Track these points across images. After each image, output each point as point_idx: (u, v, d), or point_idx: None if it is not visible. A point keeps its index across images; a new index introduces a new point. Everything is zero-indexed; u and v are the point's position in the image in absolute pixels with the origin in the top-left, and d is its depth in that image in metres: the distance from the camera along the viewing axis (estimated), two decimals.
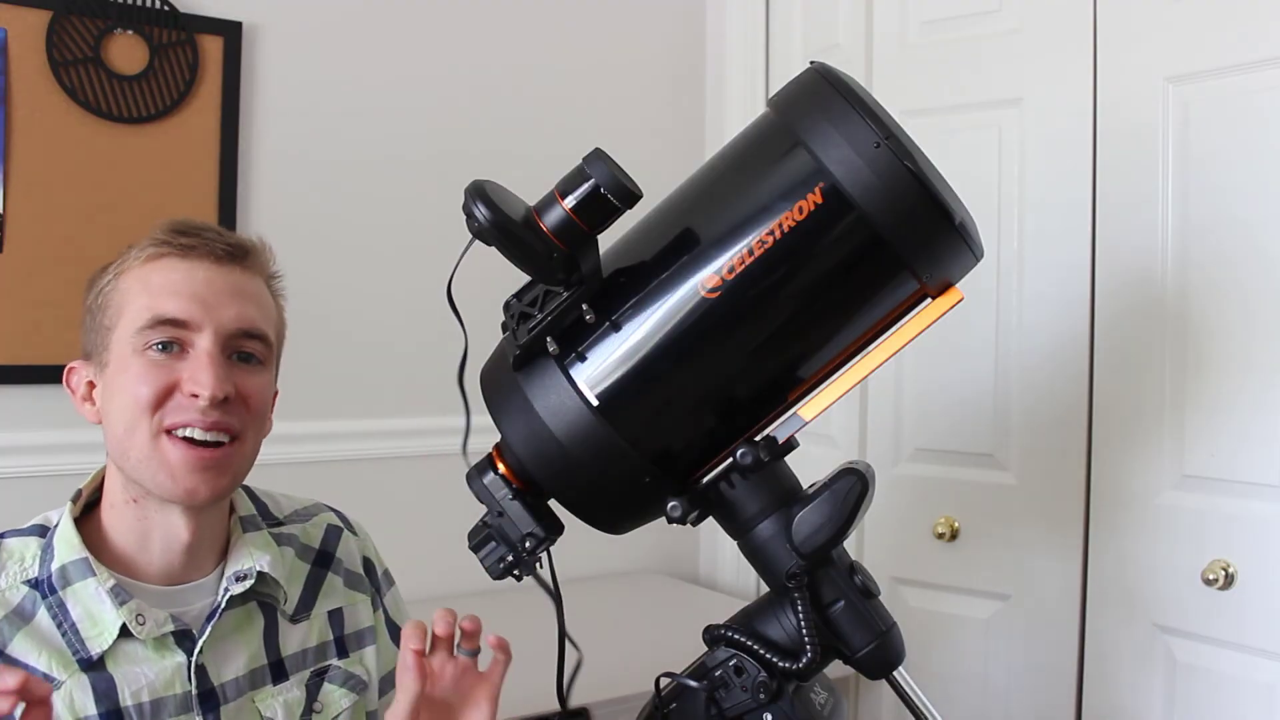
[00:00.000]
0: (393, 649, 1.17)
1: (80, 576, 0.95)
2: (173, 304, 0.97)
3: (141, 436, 0.96)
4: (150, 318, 0.96)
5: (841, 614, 0.93)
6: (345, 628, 1.12)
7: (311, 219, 2.01)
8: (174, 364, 0.97)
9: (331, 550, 1.14)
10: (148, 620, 0.95)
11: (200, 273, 0.99)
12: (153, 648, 0.96)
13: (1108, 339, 1.75)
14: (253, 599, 1.04)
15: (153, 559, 1.00)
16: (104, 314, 1.00)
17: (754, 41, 2.38)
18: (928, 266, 0.87)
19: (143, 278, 0.99)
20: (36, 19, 1.77)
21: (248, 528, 1.07)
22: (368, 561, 1.18)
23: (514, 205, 0.86)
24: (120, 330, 0.98)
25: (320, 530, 1.15)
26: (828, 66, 0.90)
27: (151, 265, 0.99)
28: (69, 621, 0.94)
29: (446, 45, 2.16)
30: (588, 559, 2.16)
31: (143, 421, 0.95)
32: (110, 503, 1.00)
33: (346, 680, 1.09)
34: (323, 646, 1.09)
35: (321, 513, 1.18)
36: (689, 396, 0.92)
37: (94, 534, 0.99)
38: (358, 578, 1.16)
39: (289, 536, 1.11)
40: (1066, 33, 1.79)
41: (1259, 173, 1.55)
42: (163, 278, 0.98)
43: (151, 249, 1.00)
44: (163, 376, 0.96)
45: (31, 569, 0.96)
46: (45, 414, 1.76)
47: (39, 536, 0.99)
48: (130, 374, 0.96)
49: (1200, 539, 1.61)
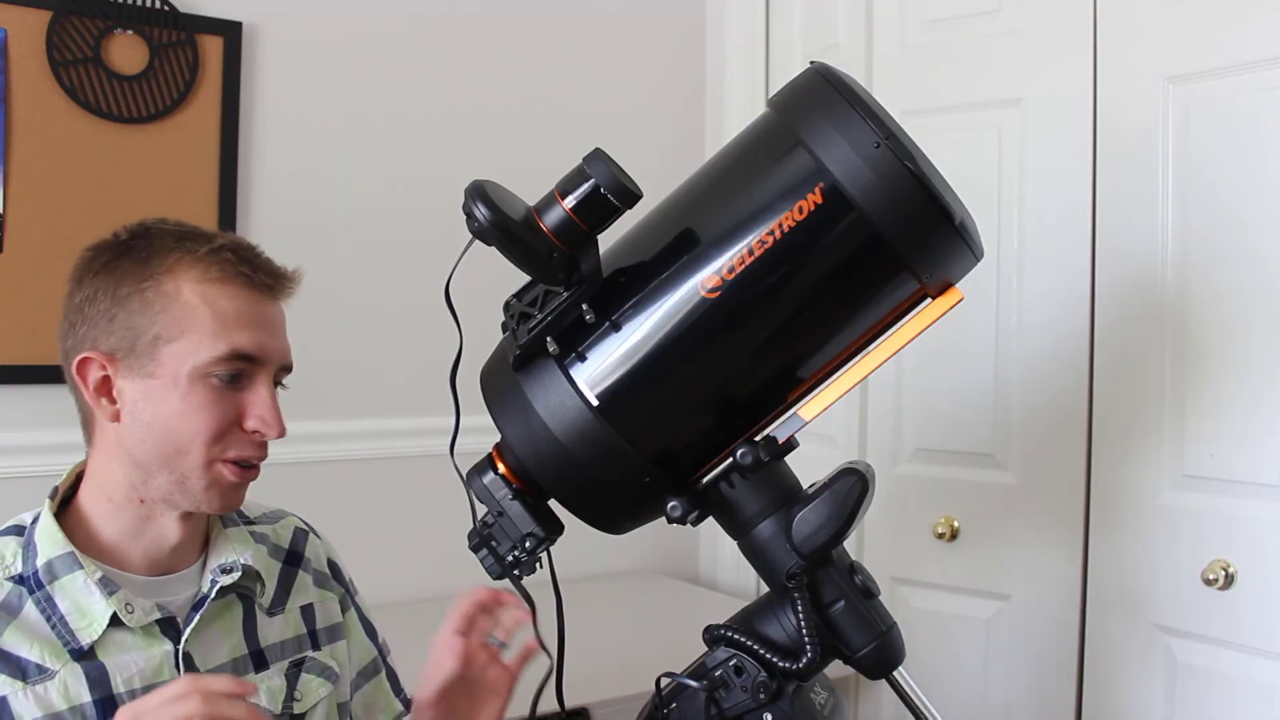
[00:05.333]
0: (366, 645, 1.20)
1: (67, 570, 0.96)
2: (246, 338, 0.97)
3: (196, 459, 0.97)
4: (228, 350, 0.96)
5: (841, 614, 0.93)
6: (317, 622, 1.14)
7: (311, 218, 2.01)
8: (236, 396, 0.98)
9: (300, 550, 1.17)
10: (136, 609, 0.97)
11: (265, 307, 1.01)
12: (141, 636, 0.97)
13: (1108, 339, 1.75)
14: (231, 591, 1.06)
15: (142, 552, 1.01)
16: (146, 316, 0.96)
17: (754, 41, 2.38)
18: (928, 266, 0.87)
19: (208, 299, 0.97)
20: (36, 19, 1.77)
21: (227, 524, 1.09)
22: (333, 564, 1.21)
23: (514, 205, 0.86)
24: (180, 348, 0.96)
25: (289, 531, 1.18)
26: (828, 66, 0.90)
27: (218, 288, 0.98)
28: (57, 614, 0.95)
29: (446, 45, 2.16)
30: (588, 559, 2.16)
31: (202, 449, 0.97)
32: (106, 496, 1.00)
33: (323, 671, 1.12)
34: (299, 639, 1.11)
35: (287, 517, 1.21)
36: (689, 396, 0.92)
37: (75, 528, 1.00)
38: (324, 577, 1.18)
39: (260, 535, 1.14)
40: (1066, 33, 1.79)
41: (1259, 173, 1.55)
42: (231, 306, 0.98)
43: (215, 269, 0.98)
44: (229, 410, 0.98)
45: (14, 566, 0.97)
46: (45, 414, 1.76)
47: (16, 535, 1.00)
48: (194, 400, 0.96)
49: (1200, 539, 1.61)
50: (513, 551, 0.95)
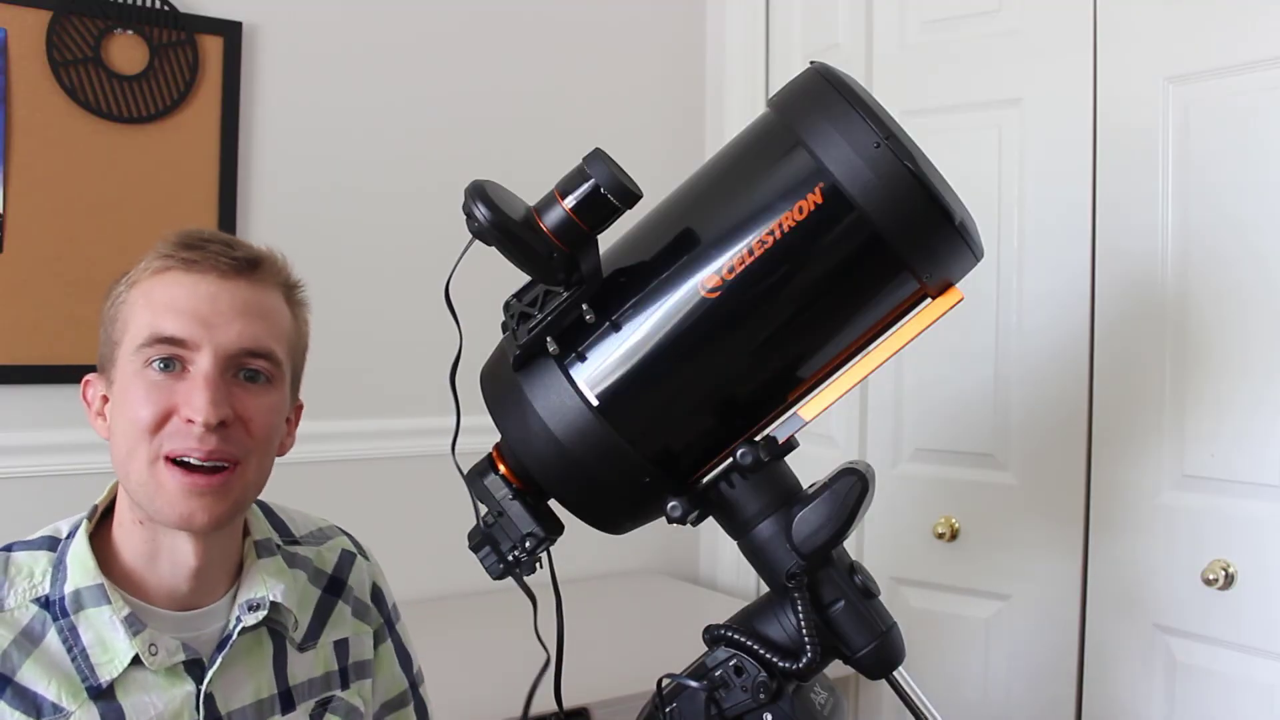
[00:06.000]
0: (398, 677, 1.17)
1: (94, 603, 0.93)
2: (172, 322, 0.94)
3: (140, 461, 0.93)
4: (149, 335, 0.94)
5: (841, 614, 0.93)
6: (349, 658, 1.10)
7: (311, 219, 2.01)
8: (174, 385, 0.93)
9: (344, 577, 1.12)
10: (160, 650, 0.94)
11: (204, 288, 0.95)
12: (163, 676, 0.94)
13: (1108, 339, 1.75)
14: (263, 626, 1.02)
15: (161, 581, 0.98)
16: (113, 327, 0.98)
17: (754, 41, 2.38)
18: (928, 266, 0.87)
19: (147, 292, 0.96)
20: (36, 19, 1.77)
21: (262, 553, 1.04)
22: (376, 590, 1.16)
23: (514, 205, 0.86)
24: (124, 346, 0.96)
25: (335, 555, 1.13)
26: (828, 66, 0.90)
27: (157, 279, 0.96)
28: (79, 646, 0.92)
29: (446, 45, 2.16)
30: (588, 559, 2.16)
31: (141, 445, 0.93)
32: (120, 521, 0.98)
33: (348, 713, 1.08)
34: (328, 676, 1.08)
35: (336, 536, 1.16)
36: (689, 396, 0.92)
37: (106, 550, 0.97)
38: (365, 607, 1.14)
39: (303, 559, 1.09)
40: (1066, 33, 1.79)
41: (1259, 173, 1.55)
42: (165, 293, 0.95)
43: (158, 262, 0.97)
44: (162, 399, 0.93)
45: (41, 585, 0.94)
46: (45, 414, 1.76)
47: (49, 550, 0.97)
48: (131, 394, 0.94)
49: (1200, 539, 1.61)
50: (513, 551, 0.95)
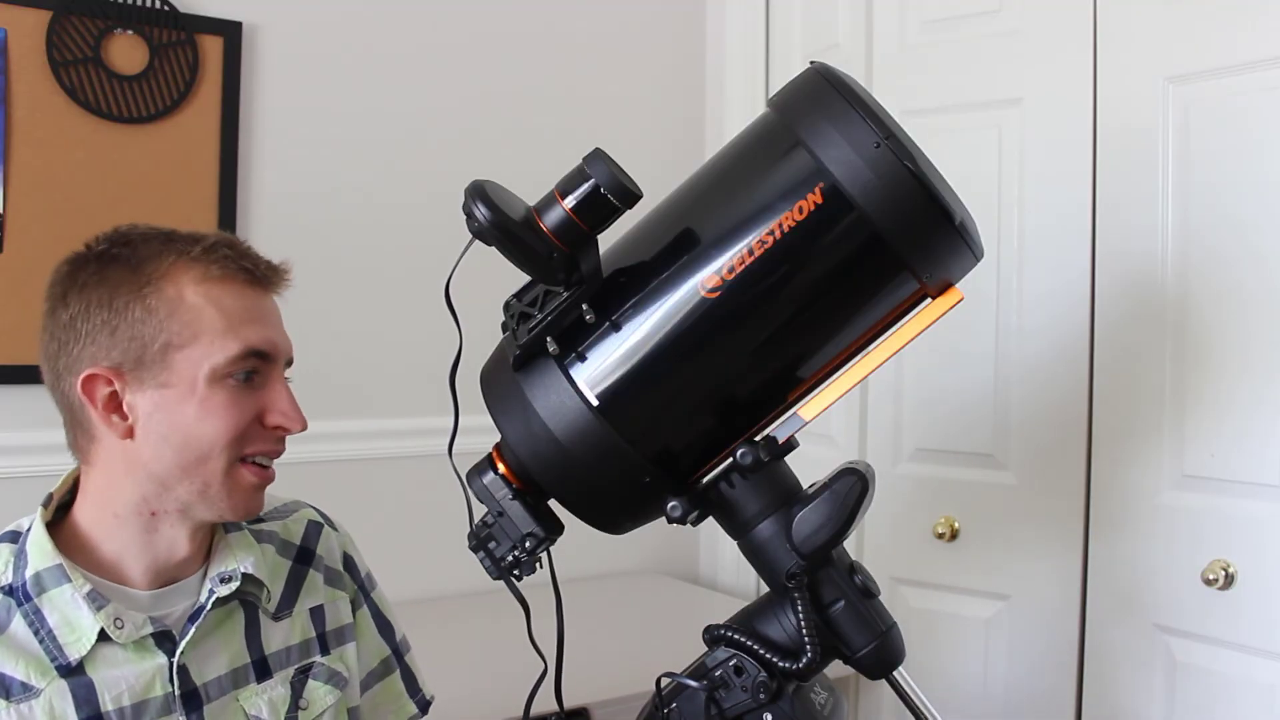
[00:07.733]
0: (379, 644, 1.17)
1: (55, 583, 0.93)
2: (257, 334, 0.97)
3: (218, 464, 0.95)
4: (243, 349, 0.95)
5: (841, 614, 0.93)
6: (326, 624, 1.11)
7: (311, 218, 2.01)
8: (252, 394, 0.97)
9: (312, 547, 1.14)
10: (126, 624, 0.94)
11: (264, 301, 1.00)
12: (133, 650, 0.95)
13: (1108, 339, 1.75)
14: (234, 597, 1.03)
15: (146, 565, 0.98)
16: (152, 324, 0.93)
17: (754, 41, 2.38)
18: (928, 266, 0.87)
19: (213, 299, 0.95)
20: (36, 19, 1.77)
21: (230, 529, 1.06)
22: (348, 558, 1.17)
23: (514, 205, 0.86)
24: (194, 352, 0.94)
25: (301, 526, 1.14)
26: (828, 66, 0.90)
27: (219, 287, 0.96)
28: (46, 628, 0.92)
29: (446, 45, 2.16)
30: (588, 559, 2.16)
31: (224, 453, 0.95)
32: (111, 512, 0.97)
33: (330, 677, 1.09)
34: (306, 644, 1.08)
35: (302, 509, 1.17)
36: (689, 396, 0.92)
37: (69, 539, 0.97)
38: (337, 574, 1.15)
39: (268, 533, 1.10)
40: (1066, 33, 1.79)
41: (1259, 173, 1.55)
42: (238, 304, 0.96)
43: (215, 267, 0.96)
44: (248, 410, 0.96)
45: (5, 575, 0.94)
46: (45, 414, 1.76)
47: (11, 543, 0.97)
48: (213, 403, 0.94)
49: (1200, 539, 1.61)
50: (512, 551, 0.95)
